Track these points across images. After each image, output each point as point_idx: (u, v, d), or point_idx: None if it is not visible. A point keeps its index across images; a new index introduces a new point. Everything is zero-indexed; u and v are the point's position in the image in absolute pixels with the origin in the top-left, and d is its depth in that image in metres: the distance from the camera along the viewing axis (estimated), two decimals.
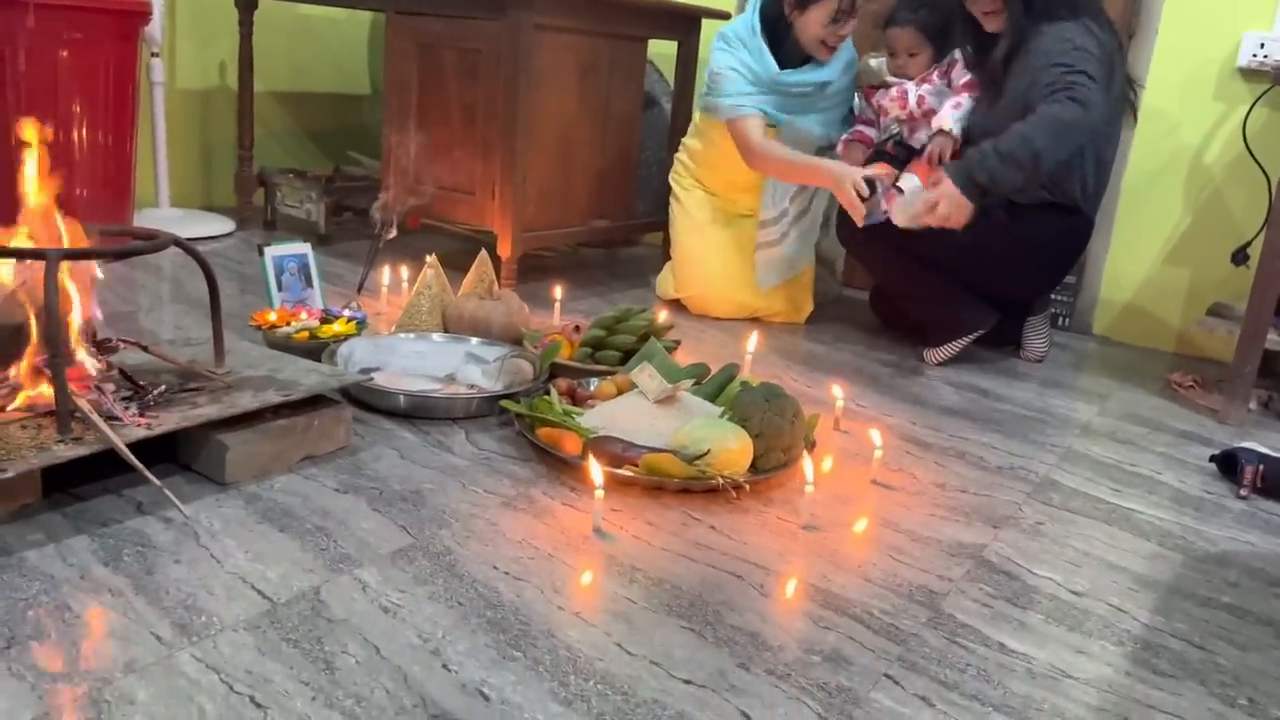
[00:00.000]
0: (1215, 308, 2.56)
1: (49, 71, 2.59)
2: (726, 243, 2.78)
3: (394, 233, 2.47)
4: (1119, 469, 1.93)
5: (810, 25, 2.60)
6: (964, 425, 2.09)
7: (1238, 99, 2.68)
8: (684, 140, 2.91)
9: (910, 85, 2.55)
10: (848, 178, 2.41)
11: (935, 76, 2.53)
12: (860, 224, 2.41)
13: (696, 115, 2.86)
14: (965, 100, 2.45)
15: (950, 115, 2.44)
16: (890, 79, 2.59)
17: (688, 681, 1.13)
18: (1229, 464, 1.90)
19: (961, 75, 2.50)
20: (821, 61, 2.66)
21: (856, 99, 2.71)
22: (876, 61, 2.65)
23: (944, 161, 2.37)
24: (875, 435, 1.80)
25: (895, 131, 2.58)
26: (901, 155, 2.53)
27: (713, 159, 2.79)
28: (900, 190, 2.37)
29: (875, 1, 3.10)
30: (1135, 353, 2.85)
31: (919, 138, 2.52)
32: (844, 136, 2.68)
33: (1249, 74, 2.66)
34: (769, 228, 2.75)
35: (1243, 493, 1.83)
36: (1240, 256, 2.60)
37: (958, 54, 2.51)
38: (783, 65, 2.65)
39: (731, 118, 2.65)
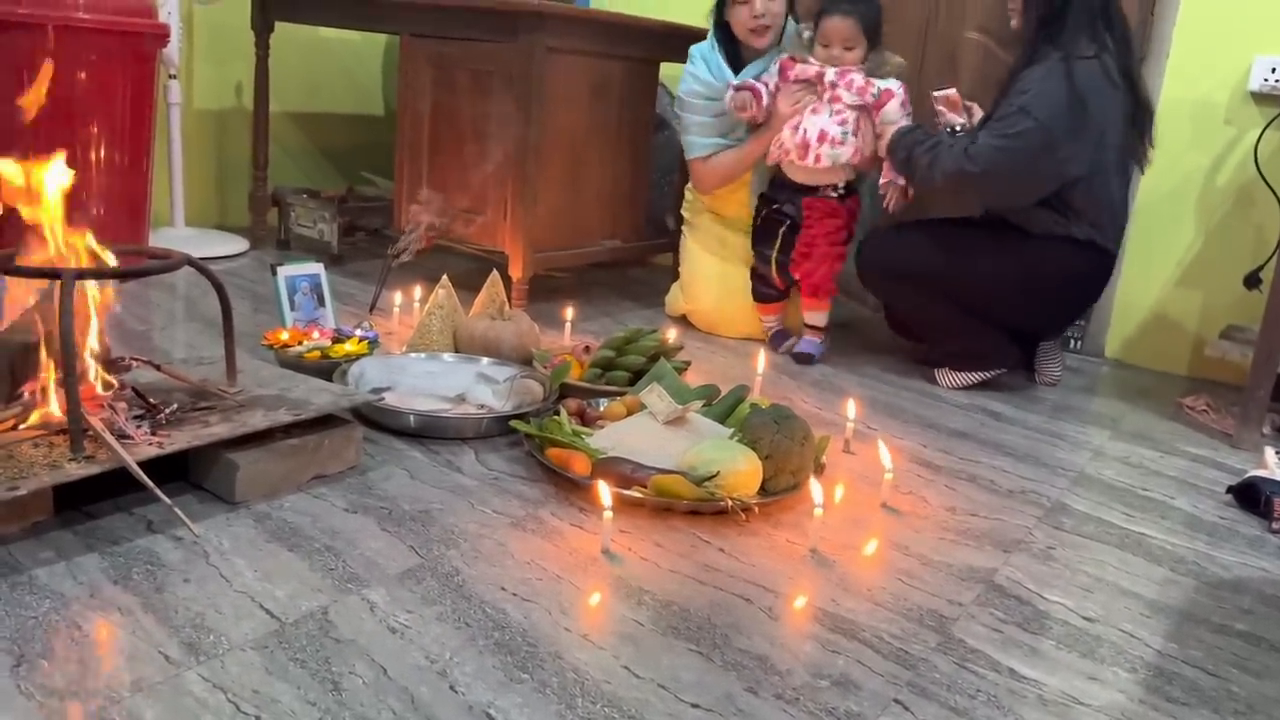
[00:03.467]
0: (1228, 331, 2.55)
1: (67, 93, 2.62)
2: (739, 263, 2.78)
3: (410, 256, 2.50)
4: (1131, 493, 1.92)
5: (733, 17, 2.63)
6: (975, 448, 2.08)
7: (1249, 123, 2.68)
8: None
9: (830, 70, 2.51)
10: (782, 106, 2.57)
11: (856, 75, 2.50)
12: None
13: None
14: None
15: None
16: (813, 61, 2.55)
17: (695, 705, 1.13)
18: (1248, 494, 1.88)
19: (883, 85, 2.50)
20: (761, 51, 2.66)
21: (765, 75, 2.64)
22: (809, 34, 2.61)
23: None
24: (885, 458, 1.79)
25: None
26: (791, 212, 2.62)
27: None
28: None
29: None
30: (1148, 376, 2.83)
31: (814, 118, 2.53)
32: (733, 83, 2.62)
33: (1261, 98, 2.66)
34: None
35: (1276, 526, 1.79)
36: (1253, 280, 2.59)
37: (894, 88, 2.49)
38: (741, 67, 2.69)
39: (690, 157, 2.79)
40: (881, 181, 2.53)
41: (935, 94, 2.47)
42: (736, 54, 2.70)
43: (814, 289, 2.61)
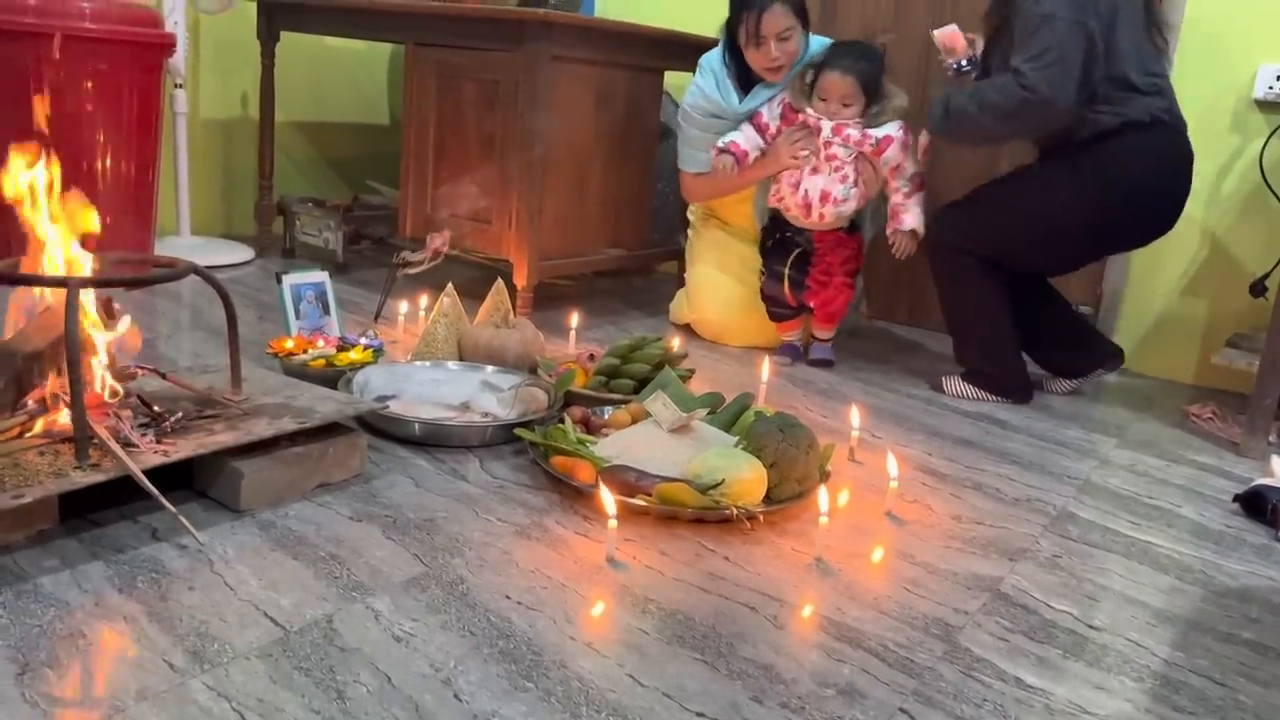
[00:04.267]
0: (1234, 339, 2.54)
1: (75, 102, 2.63)
2: (744, 271, 2.78)
3: (421, 267, 2.50)
4: (1137, 501, 1.92)
5: (747, 55, 2.62)
6: (980, 456, 2.08)
7: (1255, 131, 2.68)
8: None
9: (826, 125, 2.53)
10: (782, 149, 2.58)
11: (852, 130, 2.52)
12: (804, 156, 2.55)
13: None
14: (916, 197, 2.54)
15: (917, 215, 2.54)
16: (810, 111, 2.55)
17: (700, 714, 1.12)
18: (1254, 503, 1.88)
19: (898, 159, 2.52)
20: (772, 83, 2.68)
21: (764, 110, 2.63)
22: (810, 77, 2.58)
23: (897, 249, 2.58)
24: (891, 466, 1.79)
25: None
26: (802, 242, 2.63)
27: None
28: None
29: (889, 34, 3.13)
30: (1154, 384, 2.83)
31: (816, 178, 2.55)
32: (718, 145, 2.63)
33: (1266, 106, 2.66)
34: None
35: None
36: (1259, 288, 2.58)
37: (894, 132, 2.51)
38: (751, 85, 2.69)
39: (682, 169, 2.80)
40: (889, 231, 2.55)
41: (935, 32, 2.41)
42: (747, 72, 2.69)
43: (830, 316, 2.67)
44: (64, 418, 1.42)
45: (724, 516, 1.59)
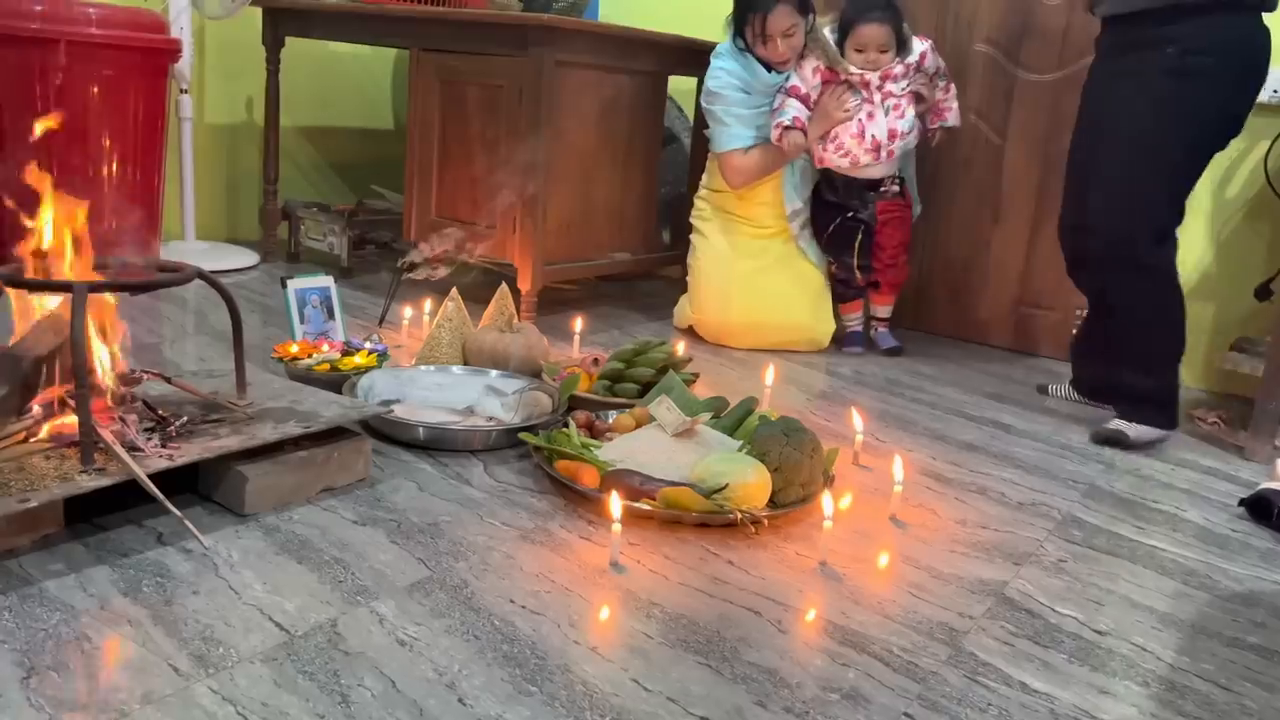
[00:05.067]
0: (1239, 343, 2.53)
1: (80, 107, 2.64)
2: (748, 270, 2.78)
3: (434, 273, 2.51)
4: (1142, 506, 1.91)
5: (754, 47, 2.69)
6: (985, 460, 2.07)
7: (1259, 134, 2.67)
8: (703, 181, 2.93)
9: (873, 77, 2.64)
10: (829, 107, 2.66)
11: (898, 70, 2.65)
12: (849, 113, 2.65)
13: (712, 159, 2.89)
14: (953, 90, 2.77)
15: (956, 111, 2.78)
16: (853, 69, 2.64)
17: (704, 718, 1.12)
18: (1259, 507, 1.87)
19: (936, 63, 2.72)
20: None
21: (797, 81, 2.68)
22: (834, 35, 2.69)
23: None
24: (895, 470, 1.79)
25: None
26: (865, 218, 2.75)
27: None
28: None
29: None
30: None
31: (877, 121, 2.65)
32: (783, 122, 2.66)
33: (1270, 110, 2.65)
34: (797, 219, 2.85)
35: None
36: (1264, 292, 2.58)
37: (920, 46, 2.68)
38: (770, 65, 2.74)
39: (720, 151, 2.79)
40: (933, 125, 2.76)
41: None
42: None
43: (894, 286, 2.89)
44: (70, 422, 1.43)
45: (728, 521, 1.59)
